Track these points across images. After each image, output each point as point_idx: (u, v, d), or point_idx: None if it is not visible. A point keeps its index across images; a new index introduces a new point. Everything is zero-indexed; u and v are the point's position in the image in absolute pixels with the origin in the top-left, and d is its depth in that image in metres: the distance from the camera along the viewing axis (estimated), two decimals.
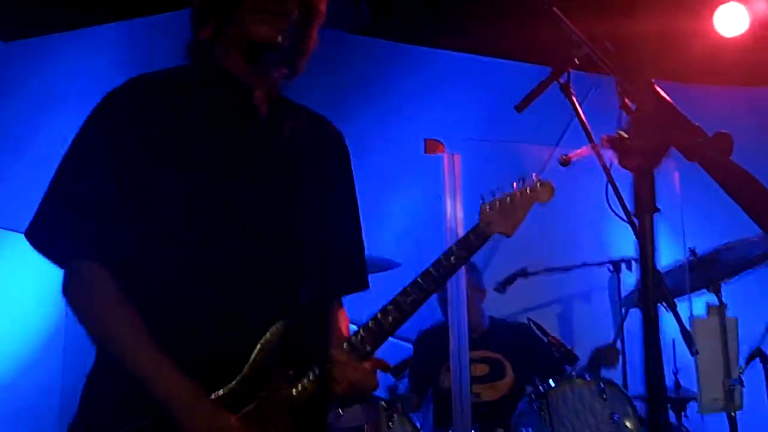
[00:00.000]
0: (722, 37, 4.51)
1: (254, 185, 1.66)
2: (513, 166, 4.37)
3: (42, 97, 3.90)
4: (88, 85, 3.63)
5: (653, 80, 1.42)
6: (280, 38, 1.65)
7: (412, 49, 4.57)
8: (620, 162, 1.41)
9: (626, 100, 1.48)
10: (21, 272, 3.74)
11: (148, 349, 1.53)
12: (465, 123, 4.38)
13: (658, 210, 1.36)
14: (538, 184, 2.13)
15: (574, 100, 3.30)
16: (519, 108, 3.42)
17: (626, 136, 1.40)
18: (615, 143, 1.40)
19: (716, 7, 4.46)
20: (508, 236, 2.02)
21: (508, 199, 2.04)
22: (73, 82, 3.79)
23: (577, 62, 3.24)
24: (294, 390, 1.64)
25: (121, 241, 1.57)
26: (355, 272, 1.87)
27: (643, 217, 1.37)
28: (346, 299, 1.89)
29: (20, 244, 1.62)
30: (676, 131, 1.37)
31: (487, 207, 2.01)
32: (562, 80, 3.31)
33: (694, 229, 3.58)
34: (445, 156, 3.02)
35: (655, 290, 1.41)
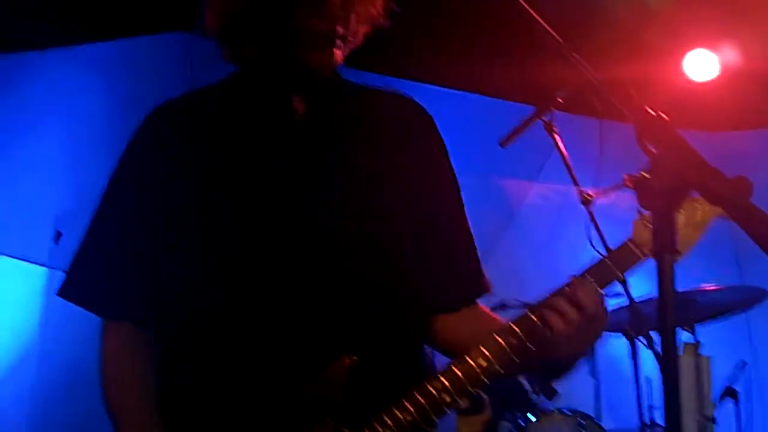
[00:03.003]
0: (692, 82, 4.62)
1: (290, 214, 1.41)
2: (493, 200, 4.43)
3: (21, 116, 3.86)
4: (75, 102, 3.62)
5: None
6: (336, 60, 1.44)
7: (390, 82, 4.62)
8: (641, 202, 1.44)
9: (646, 142, 1.51)
10: None
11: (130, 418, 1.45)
12: None
13: (677, 251, 1.39)
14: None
15: (557, 138, 3.39)
16: (503, 143, 3.50)
17: (648, 176, 1.44)
18: (638, 183, 1.44)
19: (686, 53, 4.59)
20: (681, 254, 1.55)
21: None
22: (59, 99, 3.76)
23: (561, 102, 3.35)
24: None
25: (148, 299, 1.46)
26: (461, 279, 1.54)
27: (662, 256, 1.40)
28: None
29: None
30: (696, 174, 1.41)
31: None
32: (545, 118, 3.41)
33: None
34: None
35: (667, 330, 1.43)
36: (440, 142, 1.55)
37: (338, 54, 1.43)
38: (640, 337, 3.05)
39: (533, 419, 3.27)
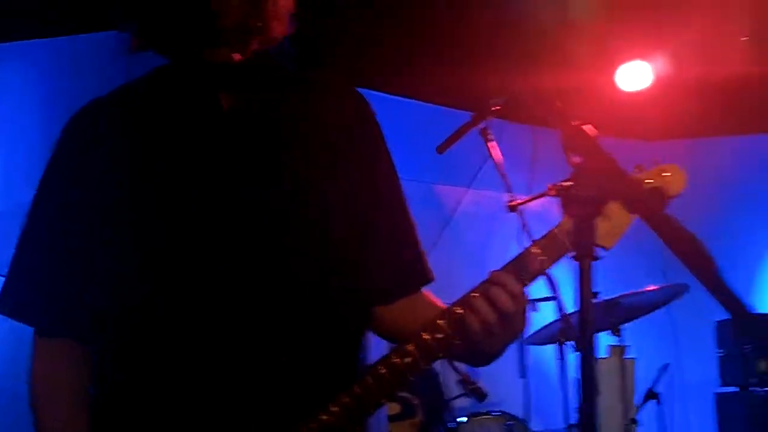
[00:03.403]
0: (626, 93, 4.73)
1: (220, 210, 1.38)
2: (429, 206, 4.50)
3: None
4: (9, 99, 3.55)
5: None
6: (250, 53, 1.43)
7: None
8: (564, 210, 1.51)
9: (569, 153, 1.57)
10: None
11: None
12: None
13: (597, 258, 1.46)
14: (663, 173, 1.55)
15: (492, 145, 3.46)
16: (440, 149, 3.56)
17: (571, 185, 1.50)
18: (561, 192, 1.50)
19: (619, 63, 4.69)
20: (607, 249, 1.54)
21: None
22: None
23: (496, 110, 3.42)
24: None
25: (84, 307, 1.43)
26: (400, 270, 1.52)
27: (582, 261, 1.47)
28: None
29: None
30: (615, 184, 1.48)
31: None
32: (481, 125, 3.48)
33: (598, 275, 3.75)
34: None
35: (588, 331, 1.49)
36: (379, 133, 1.52)
37: (253, 47, 1.43)
38: (568, 342, 3.15)
39: (463, 421, 3.33)
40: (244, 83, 1.45)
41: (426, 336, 1.40)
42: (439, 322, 1.41)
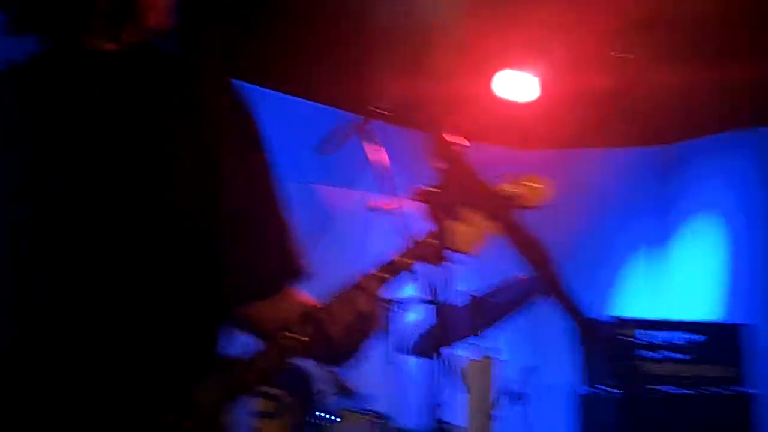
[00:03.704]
0: (512, 102, 4.83)
1: (88, 211, 1.34)
2: (310, 207, 4.51)
3: None
4: None
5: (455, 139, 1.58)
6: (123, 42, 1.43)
7: None
8: (427, 214, 1.56)
9: (436, 159, 1.62)
10: None
11: None
12: None
13: (445, 260, 1.53)
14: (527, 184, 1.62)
15: (374, 148, 3.50)
16: (323, 150, 3.58)
17: (435, 191, 1.56)
18: (425, 196, 1.56)
19: (501, 73, 4.78)
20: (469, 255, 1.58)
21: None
22: None
23: (380, 113, 3.47)
24: None
25: None
26: (267, 267, 1.51)
27: (443, 265, 1.53)
28: None
29: None
30: (476, 192, 1.54)
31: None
32: (364, 127, 3.52)
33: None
34: None
35: (445, 332, 1.55)
36: (255, 129, 1.48)
37: (130, 37, 1.43)
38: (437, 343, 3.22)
39: (333, 419, 3.37)
40: (118, 73, 1.42)
41: (286, 335, 1.43)
42: (300, 321, 1.44)
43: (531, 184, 1.62)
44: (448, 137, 1.58)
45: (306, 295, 1.58)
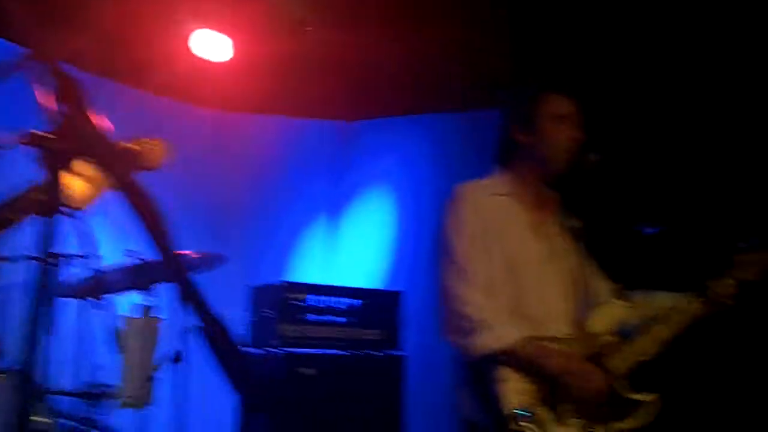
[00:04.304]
0: (206, 62, 4.77)
1: None
2: None
3: None
4: None
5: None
6: None
7: None
8: (40, 160, 1.48)
9: (59, 104, 1.53)
10: None
11: None
12: None
13: (69, 215, 1.46)
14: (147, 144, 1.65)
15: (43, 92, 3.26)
16: None
17: (49, 136, 1.48)
18: (38, 141, 1.47)
19: (196, 32, 4.71)
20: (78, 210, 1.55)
21: None
22: None
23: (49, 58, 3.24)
24: None
25: None
26: None
27: (50, 214, 1.46)
28: None
29: None
30: (93, 142, 1.49)
31: None
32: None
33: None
34: None
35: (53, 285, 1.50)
36: None
37: None
38: (90, 299, 3.12)
39: None
40: None
41: None
42: None
43: (151, 144, 1.61)
44: (68, 76, 1.50)
45: None
